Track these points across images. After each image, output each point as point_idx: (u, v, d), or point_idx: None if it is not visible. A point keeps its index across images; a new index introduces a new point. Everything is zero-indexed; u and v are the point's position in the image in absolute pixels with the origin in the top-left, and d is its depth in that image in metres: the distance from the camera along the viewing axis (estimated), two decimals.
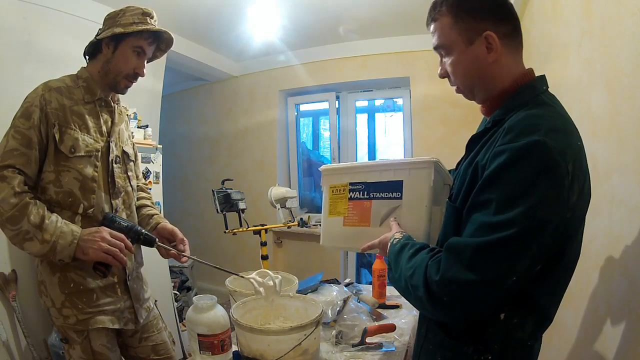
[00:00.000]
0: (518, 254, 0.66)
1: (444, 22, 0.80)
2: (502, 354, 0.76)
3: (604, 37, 1.25)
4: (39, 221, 1.02)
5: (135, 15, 1.15)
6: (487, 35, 0.76)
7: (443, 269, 0.70)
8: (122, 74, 1.17)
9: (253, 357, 0.98)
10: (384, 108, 4.05)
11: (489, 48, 0.77)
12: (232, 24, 2.89)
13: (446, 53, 0.83)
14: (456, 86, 0.86)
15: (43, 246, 1.02)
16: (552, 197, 0.66)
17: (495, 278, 0.67)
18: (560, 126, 0.72)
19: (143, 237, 1.14)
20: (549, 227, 0.66)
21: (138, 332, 1.28)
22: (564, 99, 1.76)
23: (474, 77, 0.82)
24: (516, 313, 0.75)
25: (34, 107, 1.07)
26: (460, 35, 0.79)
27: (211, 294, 1.09)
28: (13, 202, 1.01)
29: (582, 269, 1.52)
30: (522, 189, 0.66)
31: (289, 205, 2.62)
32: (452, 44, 0.80)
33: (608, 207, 1.27)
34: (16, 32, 1.99)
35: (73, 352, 1.14)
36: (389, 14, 2.75)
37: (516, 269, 0.66)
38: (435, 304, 0.71)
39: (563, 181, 0.66)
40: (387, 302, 1.64)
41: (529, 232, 0.65)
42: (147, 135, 2.52)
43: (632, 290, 1.11)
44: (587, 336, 1.44)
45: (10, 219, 1.01)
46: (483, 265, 0.67)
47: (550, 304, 0.79)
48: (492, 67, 0.79)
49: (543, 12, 1.93)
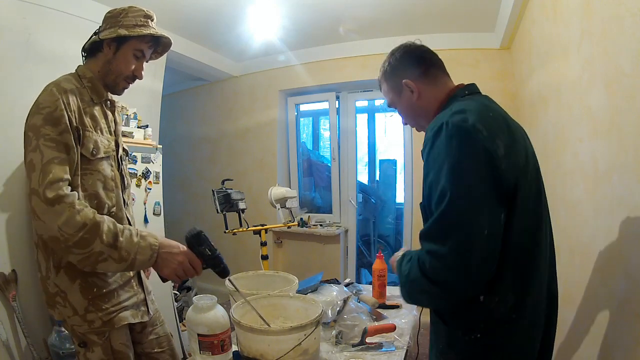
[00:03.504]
0: (466, 208, 0.77)
1: (384, 88, 1.11)
2: (487, 329, 0.85)
3: (604, 37, 1.25)
4: (113, 240, 0.96)
5: (138, 17, 1.14)
6: (405, 82, 1.02)
7: (426, 253, 0.80)
8: (122, 75, 1.17)
9: (253, 357, 0.98)
10: (384, 108, 4.05)
11: (411, 91, 1.02)
12: (232, 24, 2.89)
13: (394, 106, 1.10)
14: (411, 125, 1.11)
15: (120, 265, 0.98)
16: (469, 153, 0.79)
17: (467, 236, 0.76)
18: (461, 109, 0.86)
19: (220, 269, 1.08)
20: (474, 175, 0.78)
21: (146, 326, 1.28)
22: (564, 99, 1.78)
23: (413, 114, 1.06)
24: (496, 292, 0.83)
25: (59, 110, 1.01)
26: (393, 90, 1.07)
27: (211, 294, 1.09)
28: (79, 222, 0.93)
29: (582, 269, 1.52)
30: (440, 159, 0.81)
31: (289, 205, 2.62)
32: (392, 99, 1.09)
33: (608, 207, 1.27)
34: (16, 32, 1.99)
35: (92, 355, 1.10)
36: (389, 14, 2.74)
37: (476, 221, 0.77)
38: (441, 286, 0.80)
39: (476, 136, 0.79)
40: (387, 302, 1.63)
41: (462, 187, 0.78)
42: (147, 135, 2.52)
43: (632, 290, 1.11)
44: (587, 336, 1.44)
45: (79, 243, 0.93)
46: (450, 233, 0.77)
47: (524, 277, 0.86)
48: (419, 102, 1.02)
49: (543, 12, 1.93)
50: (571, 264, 1.66)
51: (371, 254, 4.07)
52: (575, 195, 1.59)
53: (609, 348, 1.24)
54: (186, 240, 1.06)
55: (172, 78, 3.53)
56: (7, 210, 1.90)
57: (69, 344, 1.86)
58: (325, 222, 3.66)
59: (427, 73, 1.02)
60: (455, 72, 1.09)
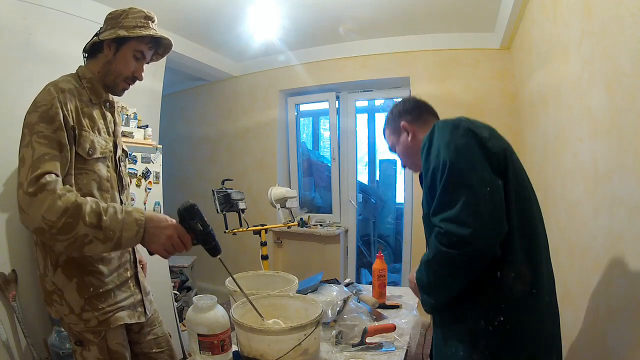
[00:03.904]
0: (465, 169, 0.89)
1: (386, 132, 1.29)
2: (509, 311, 0.89)
3: (604, 37, 1.25)
4: (96, 220, 0.93)
5: (138, 18, 1.15)
6: (402, 125, 1.21)
7: (439, 222, 0.88)
8: (122, 76, 1.17)
9: (253, 357, 0.98)
10: (384, 108, 4.05)
11: (407, 132, 1.20)
12: (232, 24, 2.89)
13: (394, 149, 1.28)
14: (410, 167, 1.27)
15: (106, 245, 0.94)
16: (460, 135, 0.94)
17: (471, 192, 0.85)
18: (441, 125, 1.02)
19: (210, 246, 1.02)
20: (469, 147, 0.91)
21: (144, 327, 1.28)
22: (564, 99, 1.78)
23: (409, 153, 1.22)
24: (511, 266, 0.89)
25: (54, 109, 1.01)
26: (393, 133, 1.26)
27: (211, 294, 1.09)
28: (60, 207, 0.90)
29: (582, 269, 1.52)
30: (436, 147, 0.95)
31: (289, 205, 2.62)
32: (393, 141, 1.27)
33: (608, 207, 1.27)
34: (16, 32, 1.99)
35: (88, 353, 1.11)
36: (389, 14, 2.74)
37: (477, 179, 0.87)
38: (461, 248, 0.84)
39: (464, 124, 0.96)
40: (387, 302, 1.64)
41: (460, 154, 0.90)
42: (147, 135, 2.52)
43: (632, 290, 1.11)
44: (587, 336, 1.44)
45: (63, 228, 0.90)
46: (455, 195, 0.87)
47: (532, 250, 0.93)
48: (413, 142, 1.19)
49: (543, 12, 1.93)
50: (571, 264, 1.66)
51: (371, 254, 4.07)
52: (575, 195, 1.59)
53: (609, 348, 1.24)
54: (178, 213, 1.01)
55: (172, 78, 3.53)
56: (7, 210, 1.90)
57: (69, 344, 1.86)
58: (325, 222, 3.66)
59: (421, 117, 1.21)
60: (455, 72, 1.10)
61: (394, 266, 3.89)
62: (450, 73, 3.06)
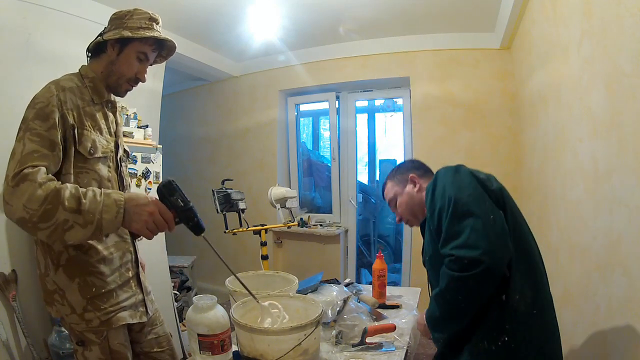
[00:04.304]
0: (470, 201, 0.98)
1: (388, 185, 1.38)
2: (513, 330, 0.95)
3: (604, 37, 1.25)
4: (76, 204, 0.91)
5: (143, 19, 1.14)
6: (411, 176, 1.31)
7: (449, 251, 0.95)
8: (125, 77, 1.17)
9: (253, 357, 0.98)
10: (384, 108, 4.05)
11: (414, 183, 1.30)
12: (232, 24, 2.89)
13: (394, 201, 1.35)
14: (406, 219, 1.33)
15: (87, 229, 0.91)
16: (462, 175, 1.06)
17: (477, 220, 0.94)
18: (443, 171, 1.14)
19: (194, 223, 0.98)
20: (471, 184, 1.03)
21: (145, 326, 1.28)
22: (564, 99, 1.78)
23: (412, 203, 1.30)
24: (515, 289, 0.96)
25: (51, 107, 1.00)
26: (398, 184, 1.34)
27: (211, 294, 1.09)
28: (40, 195, 0.89)
29: (582, 269, 1.52)
30: (440, 187, 1.06)
31: (289, 205, 2.62)
32: (396, 191, 1.34)
33: (608, 207, 1.27)
34: (16, 32, 1.99)
35: (90, 354, 1.10)
36: (389, 14, 2.74)
37: (481, 208, 0.96)
38: (472, 269, 0.90)
39: (464, 168, 1.10)
40: (387, 302, 1.64)
41: (463, 188, 1.01)
42: (147, 135, 2.52)
43: (632, 290, 1.11)
44: (587, 336, 1.44)
45: (43, 216, 0.89)
46: (462, 224, 0.96)
47: (532, 272, 1.02)
48: (419, 193, 1.27)
49: (543, 12, 1.93)
50: (571, 264, 1.66)
51: (371, 254, 4.07)
52: (575, 195, 1.59)
53: (609, 348, 1.24)
54: (157, 192, 0.99)
55: (172, 78, 3.53)
56: None
57: (69, 344, 1.86)
58: (325, 222, 3.66)
59: (426, 174, 1.33)
60: (455, 72, 1.11)
61: (394, 266, 3.89)
62: (450, 73, 3.06)
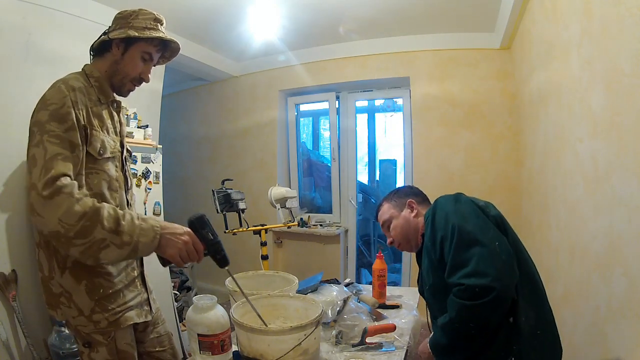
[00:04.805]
0: (474, 229, 1.01)
1: (385, 207, 1.37)
2: (520, 351, 0.97)
3: (604, 37, 1.25)
4: (115, 225, 0.93)
5: (148, 20, 1.15)
6: (409, 201, 1.33)
7: (457, 281, 0.97)
8: (129, 77, 1.17)
9: (253, 357, 0.98)
10: (384, 108, 4.05)
11: (412, 208, 1.32)
12: (232, 24, 2.88)
13: (388, 223, 1.34)
14: (398, 243, 1.33)
15: (123, 250, 0.94)
16: (462, 203, 1.10)
17: (484, 248, 0.96)
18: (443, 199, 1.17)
19: (220, 256, 1.04)
20: (473, 212, 1.06)
21: (148, 325, 1.28)
22: (564, 99, 1.77)
23: (407, 228, 1.30)
24: (520, 311, 0.99)
25: (66, 107, 0.99)
26: (395, 207, 1.35)
27: (211, 294, 1.09)
28: (78, 211, 0.89)
29: (582, 269, 1.52)
30: (442, 215, 1.08)
31: (289, 205, 2.62)
32: (392, 214, 1.34)
33: (608, 207, 1.27)
34: (16, 32, 1.99)
35: (96, 355, 1.10)
36: (389, 14, 2.74)
37: (486, 236, 0.99)
38: (482, 295, 0.91)
39: (464, 196, 1.15)
40: (387, 302, 1.63)
41: (466, 217, 1.04)
42: (147, 135, 2.52)
43: (632, 290, 1.11)
44: (587, 336, 1.44)
45: (80, 232, 0.90)
46: (469, 252, 0.98)
47: (535, 293, 1.06)
48: (416, 219, 1.30)
49: (543, 12, 1.93)
50: (571, 264, 1.66)
51: (371, 254, 4.07)
52: (575, 195, 1.59)
53: (609, 348, 1.24)
54: (189, 224, 1.04)
55: (172, 78, 3.53)
56: (7, 210, 1.89)
57: (69, 344, 1.86)
58: (325, 222, 3.66)
59: (424, 202, 1.35)
60: (455, 72, 1.11)
61: (394, 266, 3.89)
62: (450, 73, 3.06)
